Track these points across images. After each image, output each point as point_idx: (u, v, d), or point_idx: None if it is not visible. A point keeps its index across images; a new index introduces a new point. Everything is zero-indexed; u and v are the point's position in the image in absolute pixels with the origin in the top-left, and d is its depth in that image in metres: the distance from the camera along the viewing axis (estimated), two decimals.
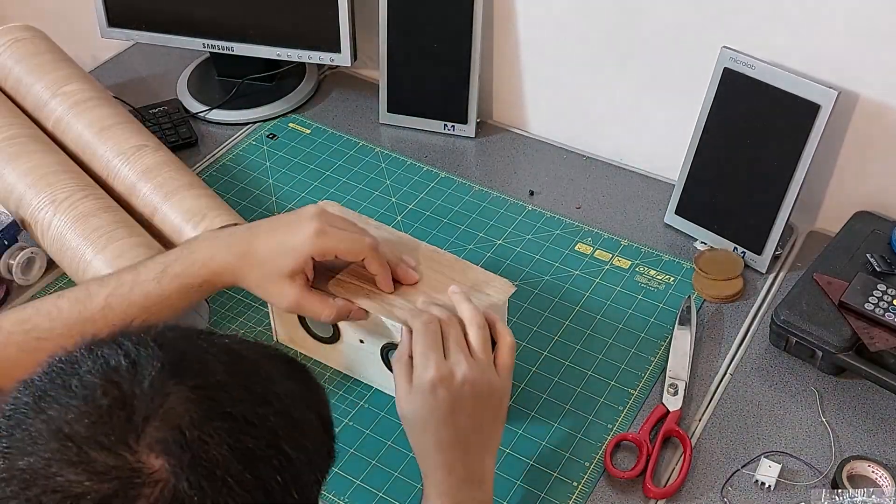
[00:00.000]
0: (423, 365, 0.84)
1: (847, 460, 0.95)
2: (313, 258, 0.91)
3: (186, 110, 1.45)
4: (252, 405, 0.54)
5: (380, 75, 1.40)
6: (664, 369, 1.06)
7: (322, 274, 0.96)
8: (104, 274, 0.96)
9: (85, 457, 0.49)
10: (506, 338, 0.89)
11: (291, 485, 0.54)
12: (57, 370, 0.53)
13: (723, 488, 0.95)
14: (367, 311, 0.95)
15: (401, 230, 1.10)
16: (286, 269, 0.90)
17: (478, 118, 1.40)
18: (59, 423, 0.50)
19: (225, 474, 0.51)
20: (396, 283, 0.96)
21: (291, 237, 0.91)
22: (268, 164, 1.37)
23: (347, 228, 0.94)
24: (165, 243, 1.13)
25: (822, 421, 1.01)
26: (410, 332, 0.88)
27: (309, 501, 0.57)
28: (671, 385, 1.04)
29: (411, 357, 0.86)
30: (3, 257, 1.15)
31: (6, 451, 0.50)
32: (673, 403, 1.02)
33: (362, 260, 0.93)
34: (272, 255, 0.90)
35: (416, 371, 0.85)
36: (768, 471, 0.95)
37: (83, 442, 0.49)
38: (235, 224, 1.14)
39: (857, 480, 0.95)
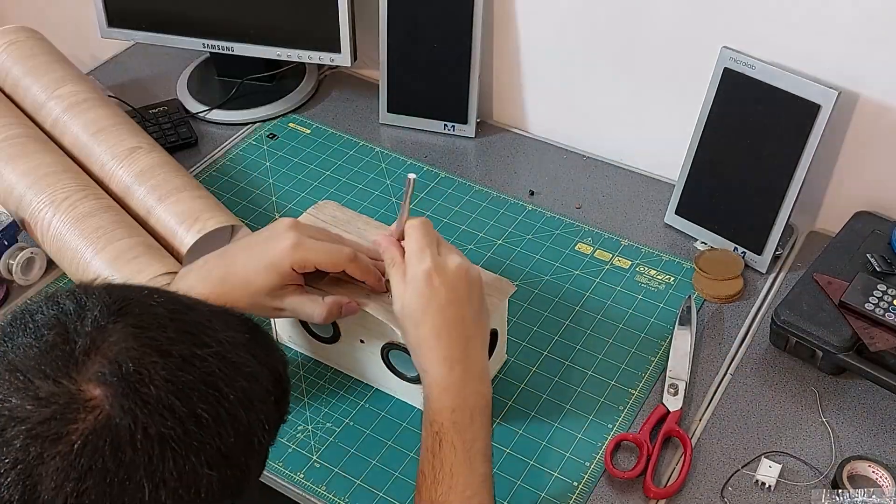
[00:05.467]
0: (419, 258, 0.86)
1: (847, 460, 0.95)
2: (294, 269, 0.91)
3: (186, 110, 1.45)
4: (190, 345, 0.59)
5: (380, 75, 1.40)
6: (664, 369, 1.06)
7: (317, 273, 0.95)
8: None
9: (30, 385, 0.54)
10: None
11: (227, 422, 0.58)
12: (20, 315, 0.60)
13: (723, 488, 0.95)
14: (359, 305, 0.94)
15: None
16: (269, 285, 0.90)
17: (478, 118, 1.40)
18: (12, 356, 0.56)
19: (158, 404, 0.55)
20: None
21: (268, 253, 0.90)
22: (268, 164, 1.37)
23: (324, 239, 0.93)
24: (161, 245, 1.13)
25: (822, 421, 1.01)
26: (399, 241, 0.90)
27: (249, 445, 0.60)
28: (671, 385, 1.04)
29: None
30: (3, 257, 1.15)
31: None
32: (673, 403, 1.02)
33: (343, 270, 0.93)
34: (253, 273, 0.90)
35: (411, 264, 0.86)
36: (768, 471, 0.95)
37: (29, 372, 0.55)
38: (226, 227, 1.14)
39: (858, 480, 0.95)
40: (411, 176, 0.90)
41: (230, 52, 1.43)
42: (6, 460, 0.53)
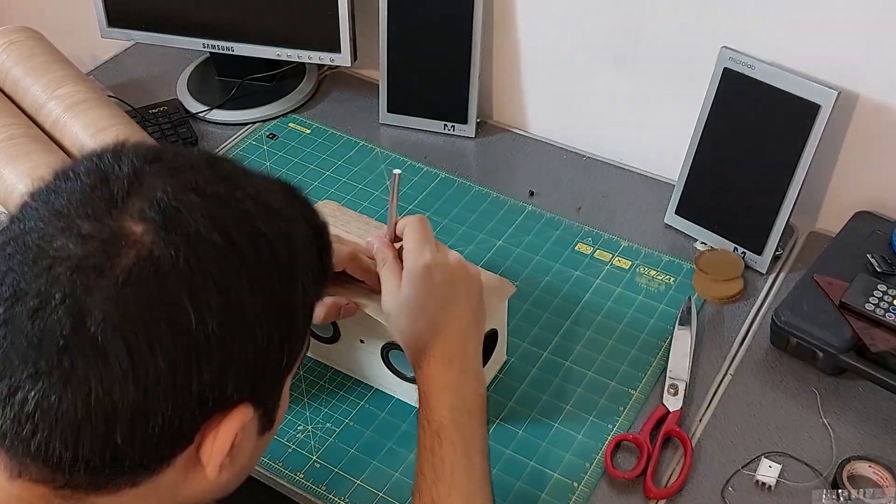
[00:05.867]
0: (419, 252, 0.86)
1: (847, 460, 0.95)
2: None
3: (186, 110, 1.45)
4: (226, 187, 0.61)
5: (380, 75, 1.40)
6: (664, 370, 1.06)
7: None
8: None
9: (73, 225, 0.57)
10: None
11: (268, 258, 0.61)
12: (60, 170, 0.62)
13: (723, 488, 0.95)
14: (357, 305, 0.94)
15: None
16: None
17: (478, 118, 1.40)
18: (56, 202, 0.59)
19: (198, 236, 0.57)
20: None
21: None
22: (268, 164, 1.37)
23: None
24: None
25: (822, 421, 1.01)
26: (392, 241, 0.90)
27: (292, 284, 0.63)
28: (671, 385, 1.03)
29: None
30: None
31: (21, 232, 0.58)
32: (673, 404, 1.02)
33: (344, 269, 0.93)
34: None
35: (409, 259, 0.86)
36: (768, 471, 0.95)
37: (72, 214, 0.57)
38: None
39: (857, 480, 0.95)
40: (396, 172, 0.89)
41: (230, 52, 1.43)
42: (56, 295, 0.55)
